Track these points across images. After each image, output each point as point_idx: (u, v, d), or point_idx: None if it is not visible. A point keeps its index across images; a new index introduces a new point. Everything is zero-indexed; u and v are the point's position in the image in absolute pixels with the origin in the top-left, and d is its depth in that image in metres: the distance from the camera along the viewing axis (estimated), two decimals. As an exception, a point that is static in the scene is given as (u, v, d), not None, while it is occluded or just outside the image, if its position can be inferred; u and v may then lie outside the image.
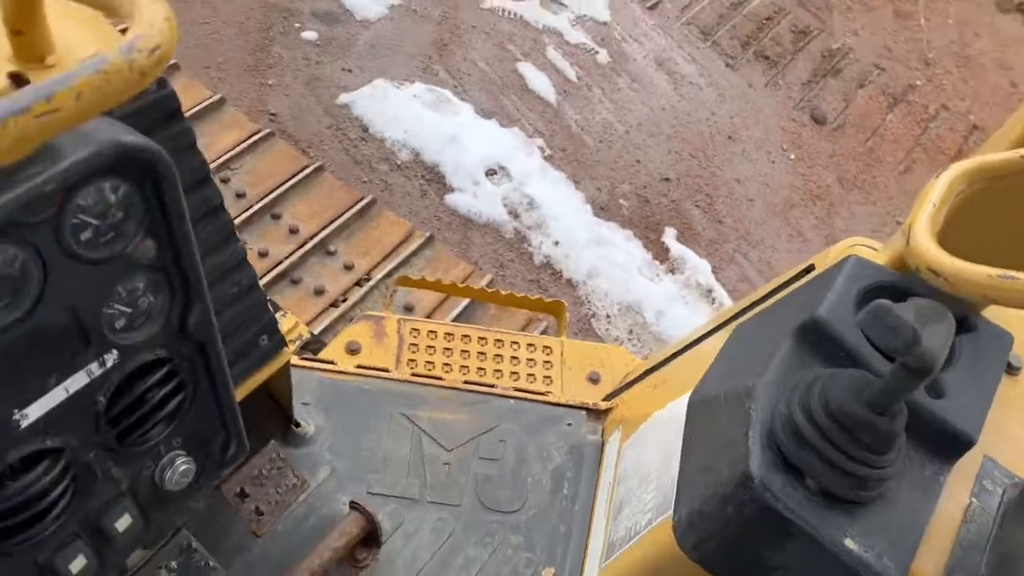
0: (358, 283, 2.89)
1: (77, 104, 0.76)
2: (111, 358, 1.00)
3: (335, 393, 1.96)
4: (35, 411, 0.94)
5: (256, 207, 2.90)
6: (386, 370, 2.06)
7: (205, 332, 1.09)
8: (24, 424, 0.93)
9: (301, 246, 2.88)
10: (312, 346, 2.43)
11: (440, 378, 2.07)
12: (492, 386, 2.08)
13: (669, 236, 4.40)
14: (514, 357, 2.26)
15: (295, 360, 1.89)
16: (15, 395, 0.92)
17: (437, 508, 1.83)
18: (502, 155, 4.52)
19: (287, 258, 2.84)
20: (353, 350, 2.17)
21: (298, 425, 1.86)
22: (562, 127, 4.79)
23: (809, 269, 1.60)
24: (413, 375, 2.06)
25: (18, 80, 0.87)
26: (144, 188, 0.95)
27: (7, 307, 0.86)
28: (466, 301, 3.03)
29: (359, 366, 2.06)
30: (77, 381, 0.97)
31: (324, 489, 1.79)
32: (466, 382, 2.07)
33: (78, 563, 1.05)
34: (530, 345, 2.29)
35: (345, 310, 2.78)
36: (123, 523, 1.10)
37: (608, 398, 2.06)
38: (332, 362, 2.05)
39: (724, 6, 5.73)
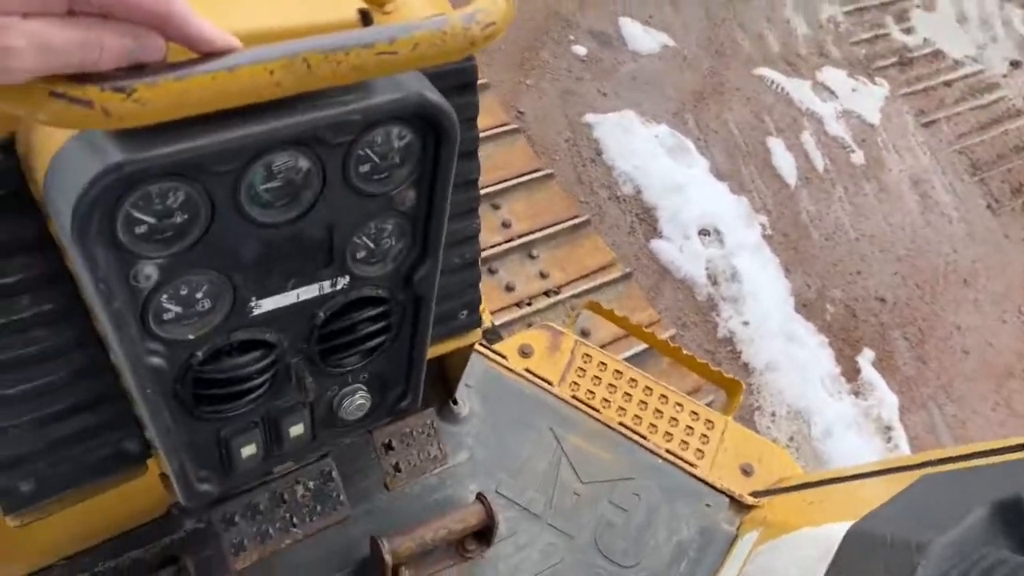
0: (547, 293, 2.94)
1: (411, 53, 0.82)
2: (343, 282, 1.08)
3: (498, 386, 2.00)
4: (268, 304, 1.03)
5: (480, 192, 3.01)
6: (550, 383, 2.08)
7: (426, 288, 1.15)
8: (256, 312, 1.03)
9: (508, 240, 2.97)
10: (488, 335, 2.49)
11: (597, 410, 2.06)
12: (644, 437, 2.05)
13: (865, 358, 4.15)
14: (674, 418, 2.22)
15: (475, 343, 1.95)
16: (258, 286, 1.01)
17: (554, 532, 1.83)
18: (721, 219, 4.45)
19: (492, 247, 2.93)
20: (526, 353, 2.21)
21: (456, 403, 1.92)
22: (791, 212, 4.64)
23: (1028, 446, 1.47)
24: (573, 397, 2.07)
25: (365, 18, 0.96)
26: (426, 143, 1.01)
27: (284, 207, 0.95)
28: (641, 347, 3.01)
29: (527, 369, 2.10)
30: (309, 292, 1.06)
31: (458, 471, 1.83)
32: (621, 423, 2.05)
33: (249, 449, 1.14)
34: (693, 413, 2.23)
35: (527, 313, 2.84)
36: (295, 430, 1.18)
37: (757, 495, 1.97)
38: (504, 356, 2.10)
39: (1007, 146, 5.33)
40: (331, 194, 0.98)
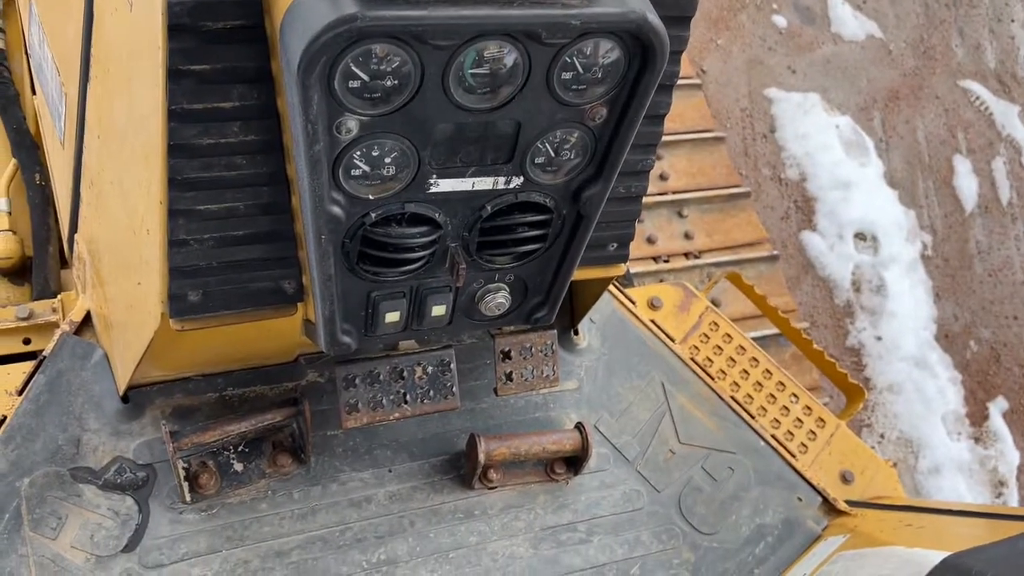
0: (687, 254, 2.91)
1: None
2: (516, 182, 1.11)
3: (620, 329, 2.02)
4: (444, 185, 1.08)
5: (647, 139, 2.98)
6: (672, 339, 2.08)
7: (591, 208, 1.17)
8: (432, 190, 1.08)
9: (661, 193, 2.94)
10: (620, 279, 2.50)
11: (712, 378, 2.05)
12: (752, 417, 2.02)
13: (997, 406, 3.91)
14: (785, 407, 2.18)
15: (612, 280, 1.96)
16: (440, 166, 1.06)
17: (640, 480, 1.85)
18: (881, 228, 4.24)
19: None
20: (655, 305, 2.21)
21: (576, 333, 1.95)
22: (959, 239, 4.37)
23: None
24: (692, 359, 2.06)
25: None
26: (632, 65, 1.02)
27: (484, 95, 0.99)
28: (765, 331, 2.94)
29: (652, 320, 2.10)
30: (484, 183, 1.10)
31: (564, 397, 1.87)
32: (732, 397, 2.04)
33: (393, 315, 1.21)
34: (807, 408, 2.19)
35: (662, 270, 2.82)
36: (437, 310, 1.24)
37: (852, 504, 1.93)
38: (633, 302, 2.11)
39: None
40: (529, 93, 1.01)
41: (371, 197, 1.05)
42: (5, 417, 1.51)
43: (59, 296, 1.83)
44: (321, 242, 1.07)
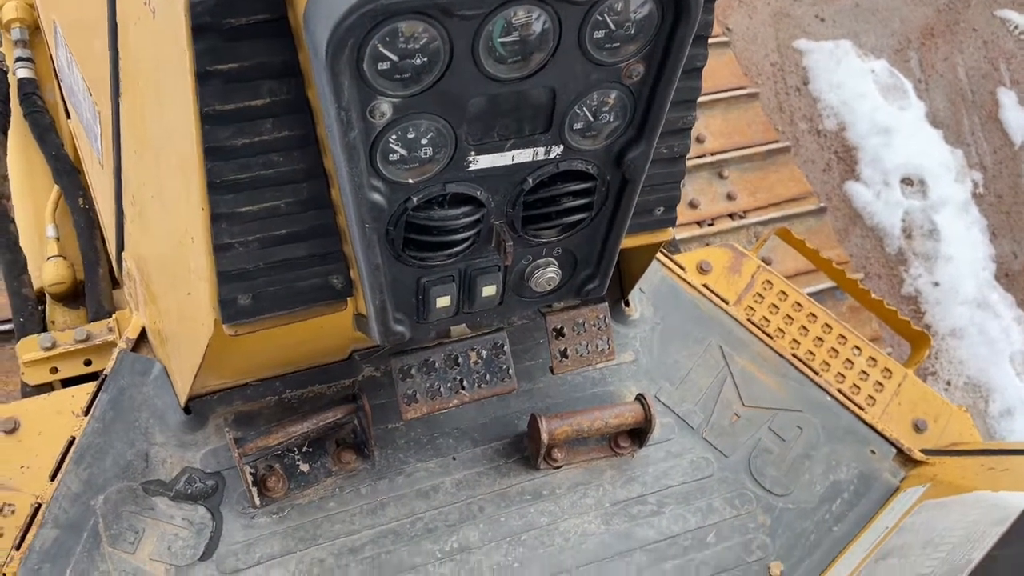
0: (731, 215, 2.85)
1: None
2: (556, 151, 1.09)
3: (671, 296, 1.98)
4: (483, 162, 1.06)
5: (679, 102, 2.92)
6: (726, 302, 2.04)
7: (634, 172, 1.14)
8: (471, 168, 1.06)
9: (699, 156, 2.88)
10: (666, 246, 2.45)
11: (771, 337, 2.01)
12: (816, 373, 1.98)
13: (1067, 341, 3.78)
14: (849, 360, 2.12)
15: (659, 248, 1.92)
16: (477, 142, 1.04)
17: (707, 447, 1.82)
18: (928, 170, 4.11)
19: (681, 161, 2.85)
20: (704, 270, 2.17)
21: (627, 304, 1.92)
22: (1011, 173, 4.22)
23: None
24: (748, 320, 2.01)
25: None
26: (665, 16, 0.99)
27: (516, 63, 0.96)
28: (819, 285, 2.88)
29: (704, 285, 2.06)
30: (523, 155, 1.07)
31: (622, 370, 1.85)
32: (793, 355, 1.99)
33: (444, 300, 1.20)
34: (871, 359, 2.13)
35: (707, 233, 2.77)
36: (487, 291, 1.22)
37: (928, 452, 1.87)
38: (683, 268, 2.07)
39: None
40: (561, 57, 0.98)
41: (411, 181, 1.04)
42: (74, 438, 1.53)
43: (114, 315, 1.85)
44: (365, 232, 1.06)
